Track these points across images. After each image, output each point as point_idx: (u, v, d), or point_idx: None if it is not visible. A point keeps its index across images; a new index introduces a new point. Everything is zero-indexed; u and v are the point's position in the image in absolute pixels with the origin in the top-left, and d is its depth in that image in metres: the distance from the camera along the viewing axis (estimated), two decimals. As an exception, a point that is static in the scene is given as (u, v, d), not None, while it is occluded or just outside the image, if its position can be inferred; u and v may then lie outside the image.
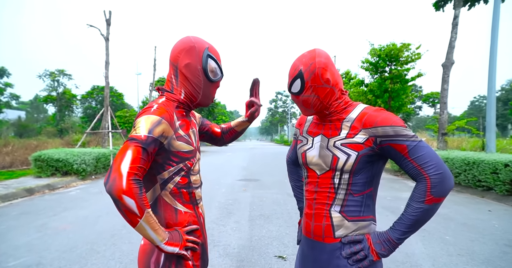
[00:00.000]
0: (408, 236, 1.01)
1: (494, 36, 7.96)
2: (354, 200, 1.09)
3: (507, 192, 6.01)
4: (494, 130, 7.92)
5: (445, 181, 0.95)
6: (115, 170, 0.90)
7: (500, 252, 3.23)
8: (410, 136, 1.00)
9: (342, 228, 1.09)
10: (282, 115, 63.21)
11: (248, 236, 3.77)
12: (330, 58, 1.15)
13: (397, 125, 1.01)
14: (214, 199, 6.09)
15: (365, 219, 1.10)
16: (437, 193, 0.95)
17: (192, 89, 1.15)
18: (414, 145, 0.98)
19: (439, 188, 0.95)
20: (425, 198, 0.96)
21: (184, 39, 1.15)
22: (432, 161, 0.97)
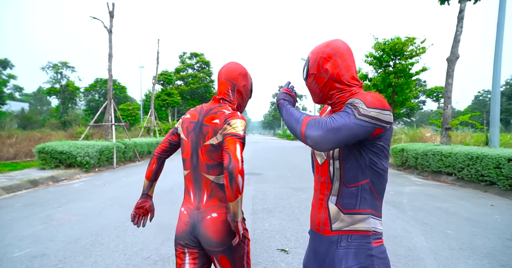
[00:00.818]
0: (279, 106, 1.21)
1: (500, 30, 7.83)
2: (349, 192, 1.08)
3: (510, 187, 5.99)
4: (498, 125, 7.85)
5: (318, 127, 0.96)
6: (234, 156, 1.19)
7: (503, 246, 3.23)
8: (356, 105, 0.98)
9: (338, 221, 1.10)
10: (285, 109, 63.03)
11: (251, 229, 3.80)
12: (341, 50, 1.14)
13: (359, 97, 1.00)
14: (217, 192, 6.11)
15: (361, 213, 1.07)
16: (310, 126, 0.98)
17: (242, 102, 1.52)
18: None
19: (313, 126, 0.98)
20: (309, 117, 1.02)
21: (238, 65, 1.49)
22: (334, 122, 0.97)
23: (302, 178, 7.96)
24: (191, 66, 35.91)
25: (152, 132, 17.83)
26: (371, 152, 1.06)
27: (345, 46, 1.16)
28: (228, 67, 1.47)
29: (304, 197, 5.70)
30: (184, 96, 33.29)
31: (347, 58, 1.14)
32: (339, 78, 1.12)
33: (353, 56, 1.17)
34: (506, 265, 2.77)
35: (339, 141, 0.95)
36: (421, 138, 13.94)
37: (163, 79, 29.63)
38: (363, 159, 1.06)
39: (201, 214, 1.32)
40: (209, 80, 35.38)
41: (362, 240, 1.07)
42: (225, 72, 1.46)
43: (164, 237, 3.54)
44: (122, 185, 6.99)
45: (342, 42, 1.18)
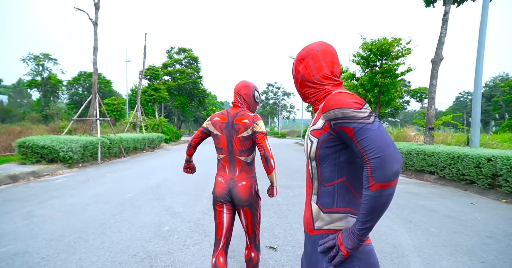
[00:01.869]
0: (368, 225, 0.94)
1: (482, 34, 8.06)
2: (326, 191, 1.10)
3: (489, 186, 6.22)
4: (478, 126, 8.13)
5: (385, 165, 0.89)
6: (266, 148, 1.92)
7: (482, 244, 3.35)
8: (358, 117, 0.97)
9: (319, 220, 1.12)
10: (273, 107, 63.12)
11: (239, 227, 3.78)
12: (315, 51, 1.19)
13: (346, 107, 1.00)
14: (205, 189, 6.08)
15: (338, 211, 1.08)
16: (378, 178, 0.89)
17: (249, 106, 2.09)
18: (360, 127, 0.96)
19: (379, 173, 0.89)
20: (369, 184, 0.92)
21: (243, 81, 2.11)
22: (374, 143, 0.92)
23: (290, 176, 8.02)
24: (178, 62, 35.37)
25: (138, 128, 17.52)
26: (348, 150, 1.06)
27: (321, 47, 1.20)
28: (237, 84, 2.13)
29: (292, 194, 5.74)
30: (171, 92, 32.79)
31: (321, 59, 1.18)
32: (310, 79, 1.19)
33: (330, 57, 1.20)
34: (486, 262, 2.88)
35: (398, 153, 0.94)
36: (405, 137, 14.27)
37: (150, 74, 29.09)
38: (339, 158, 1.07)
39: (235, 182, 2.01)
40: (197, 76, 34.96)
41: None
42: (235, 88, 2.10)
43: (151, 234, 3.50)
44: (107, 181, 6.85)
45: (321, 43, 1.22)
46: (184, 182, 6.87)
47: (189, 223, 3.95)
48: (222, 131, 2.01)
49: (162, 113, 32.76)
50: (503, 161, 5.68)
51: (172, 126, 26.51)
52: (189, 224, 3.89)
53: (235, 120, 1.98)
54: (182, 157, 12.69)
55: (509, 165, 5.54)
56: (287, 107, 62.93)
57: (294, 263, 2.81)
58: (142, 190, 5.88)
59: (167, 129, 22.69)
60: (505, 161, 5.65)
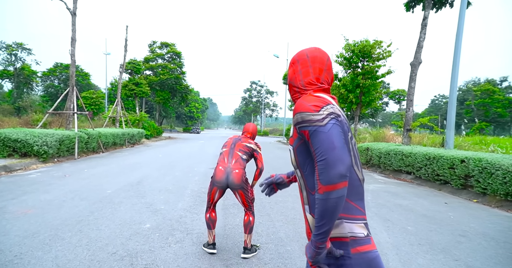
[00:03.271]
0: (323, 231, 0.93)
1: (458, 39, 8.40)
2: (314, 199, 1.07)
3: (461, 186, 6.51)
4: (453, 128, 8.48)
5: (328, 167, 0.91)
6: (263, 165, 3.01)
7: (455, 242, 3.51)
8: (313, 121, 1.00)
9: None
10: (256, 105, 63.16)
11: (222, 225, 3.78)
12: (305, 57, 1.22)
13: (304, 111, 1.03)
14: (187, 187, 6.00)
15: None
16: (324, 180, 0.91)
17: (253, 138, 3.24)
18: (313, 130, 0.99)
19: (324, 175, 0.91)
20: (317, 187, 0.93)
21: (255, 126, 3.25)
22: (321, 146, 0.94)
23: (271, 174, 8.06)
24: (161, 56, 34.67)
25: (118, 123, 17.04)
26: None
27: (312, 54, 1.22)
28: (255, 127, 3.23)
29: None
30: (153, 87, 32.10)
31: (310, 65, 1.20)
32: (295, 83, 1.22)
33: (319, 64, 1.21)
34: (459, 259, 3.02)
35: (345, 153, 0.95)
36: (384, 138, 14.68)
37: (131, 68, 28.34)
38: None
39: (231, 169, 2.78)
40: (180, 72, 34.41)
41: (340, 247, 1.03)
42: (253, 130, 3.18)
43: (131, 232, 3.42)
44: (84, 177, 6.62)
45: (313, 49, 1.24)
46: (165, 178, 6.75)
47: (171, 220, 3.89)
48: (231, 139, 3.10)
49: (143, 108, 32.03)
50: (475, 163, 5.96)
51: (153, 122, 25.99)
52: (171, 222, 3.83)
53: (243, 138, 3.07)
54: (163, 153, 12.48)
55: (481, 166, 5.82)
56: (270, 106, 63.15)
57: (277, 261, 2.82)
58: (121, 187, 5.72)
59: (148, 125, 22.21)
60: (477, 163, 5.93)
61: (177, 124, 64.49)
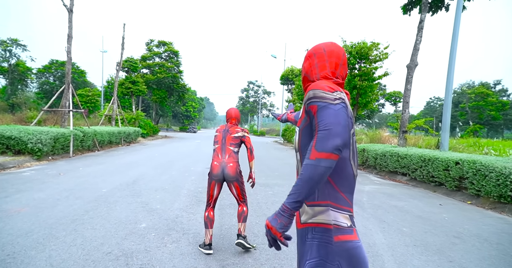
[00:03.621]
0: (300, 199, 0.96)
1: (454, 42, 8.45)
2: None
3: (456, 188, 6.57)
4: (448, 130, 8.55)
5: (328, 137, 0.94)
6: (251, 145, 3.18)
7: (450, 243, 3.53)
8: (325, 98, 1.02)
9: (304, 213, 1.14)
10: (253, 105, 63.15)
11: (218, 225, 3.77)
12: (322, 51, 1.24)
13: (318, 88, 1.05)
14: (183, 186, 5.98)
15: (320, 204, 1.10)
16: (320, 147, 0.94)
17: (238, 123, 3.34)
18: (323, 106, 1.01)
19: (321, 143, 0.94)
20: (310, 153, 0.96)
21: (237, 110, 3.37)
22: (327, 119, 0.98)
23: (268, 175, 8.06)
24: (158, 55, 34.50)
25: (114, 121, 16.93)
26: None
27: (328, 48, 1.24)
28: (234, 111, 3.29)
29: (271, 193, 5.78)
30: (150, 85, 31.93)
31: (327, 59, 1.21)
32: (311, 76, 1.23)
33: (336, 58, 1.22)
34: (453, 261, 3.04)
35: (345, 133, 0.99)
36: (380, 139, 14.75)
37: (128, 66, 28.18)
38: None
39: (226, 164, 3.00)
40: (177, 71, 34.26)
41: (324, 233, 1.07)
42: (233, 113, 3.26)
43: (126, 232, 3.39)
44: (79, 175, 6.56)
45: (330, 44, 1.25)
46: (161, 178, 6.72)
47: (167, 220, 3.87)
48: (220, 132, 3.20)
49: (139, 107, 31.85)
50: (470, 165, 6.01)
51: (150, 121, 25.87)
52: (167, 221, 3.81)
53: (230, 128, 3.18)
54: (159, 152, 12.42)
55: (475, 168, 5.87)
56: (267, 106, 63.16)
57: (273, 262, 2.82)
58: (117, 186, 5.69)
59: (144, 124, 22.11)
60: (471, 165, 5.98)
61: (174, 123, 64.26)
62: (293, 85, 29.24)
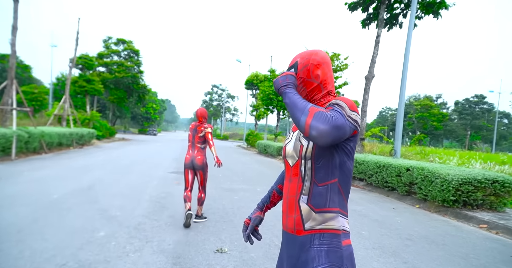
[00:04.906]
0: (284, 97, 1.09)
1: (406, 57, 9.20)
2: (319, 191, 1.12)
3: (406, 192, 7.09)
4: (400, 139, 9.24)
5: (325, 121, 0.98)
6: (212, 141, 4.15)
7: (403, 245, 3.80)
8: (343, 107, 1.07)
9: (310, 220, 1.13)
10: (217, 109, 62.65)
11: (184, 232, 3.66)
12: (327, 60, 1.24)
13: (344, 102, 1.09)
14: (145, 191, 5.73)
15: (331, 211, 1.12)
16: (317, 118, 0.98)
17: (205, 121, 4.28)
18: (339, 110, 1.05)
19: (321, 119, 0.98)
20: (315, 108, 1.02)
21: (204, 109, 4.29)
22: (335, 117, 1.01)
23: (233, 179, 8.03)
24: (117, 53, 32.88)
25: (65, 121, 15.73)
26: (342, 152, 1.13)
27: (328, 58, 1.26)
28: (202, 110, 4.16)
29: (237, 198, 5.75)
30: (107, 85, 30.21)
31: (330, 69, 1.25)
32: (325, 86, 1.21)
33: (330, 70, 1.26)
34: (408, 262, 3.27)
35: (338, 138, 1.00)
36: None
37: (83, 63, 26.38)
38: (334, 159, 1.12)
39: (195, 156, 4.04)
40: (138, 71, 32.90)
41: (333, 239, 1.10)
42: (202, 112, 4.16)
43: (83, 241, 3.16)
44: (24, 180, 5.98)
45: (326, 54, 1.27)
46: (120, 183, 6.37)
47: (128, 228, 3.67)
48: (191, 131, 4.18)
49: (94, 107, 29.95)
50: (419, 171, 6.54)
51: (106, 122, 24.43)
52: (128, 229, 3.62)
53: (198, 128, 4.14)
54: (117, 156, 11.77)
55: (423, 174, 6.40)
56: (231, 110, 63.07)
57: (241, 268, 2.81)
58: (70, 191, 5.27)
59: (99, 125, 20.82)
60: (420, 171, 6.50)
61: (132, 125, 61.38)
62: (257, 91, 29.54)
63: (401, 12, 12.27)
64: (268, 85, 22.40)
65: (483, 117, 50.37)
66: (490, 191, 5.57)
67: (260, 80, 28.49)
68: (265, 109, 23.56)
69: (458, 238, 4.27)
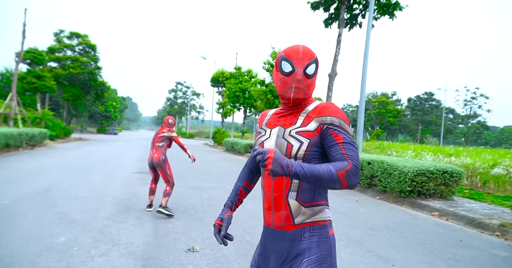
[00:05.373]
0: (300, 178, 1.02)
1: (366, 55, 9.67)
2: (308, 187, 1.16)
3: (367, 185, 7.50)
4: (362, 134, 9.73)
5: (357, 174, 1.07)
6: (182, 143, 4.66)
7: (367, 235, 4.03)
8: (349, 132, 1.15)
9: (300, 215, 1.17)
10: (182, 106, 61.13)
11: (153, 232, 3.56)
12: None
13: (343, 119, 1.15)
14: (108, 193, 5.46)
15: (319, 204, 1.18)
16: (350, 178, 1.05)
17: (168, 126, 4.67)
18: (348, 141, 1.12)
19: (353, 176, 1.05)
20: (341, 171, 1.04)
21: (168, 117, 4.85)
22: (356, 157, 1.11)
23: (201, 178, 7.94)
24: (70, 48, 30.74)
25: (12, 121, 14.43)
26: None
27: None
28: (166, 118, 4.67)
29: (206, 196, 5.70)
30: (60, 81, 28.15)
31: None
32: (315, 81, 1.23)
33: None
34: (371, 250, 3.47)
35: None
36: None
37: (31, 58, 24.30)
38: (323, 159, 1.18)
39: (152, 155, 4.44)
40: (95, 67, 31.07)
41: (322, 229, 1.17)
42: (165, 119, 4.68)
43: (42, 247, 2.95)
44: (-31, 185, 5.41)
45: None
46: (80, 185, 6.01)
47: (92, 231, 3.49)
48: (154, 135, 4.63)
49: (46, 105, 27.78)
50: (379, 164, 6.94)
51: (60, 121, 22.81)
52: (92, 233, 3.43)
53: (159, 131, 4.59)
54: (74, 157, 11.05)
55: (383, 167, 6.81)
56: (196, 108, 61.94)
57: (214, 266, 2.80)
58: (23, 195, 4.87)
59: (53, 124, 19.38)
60: (380, 164, 6.91)
61: (90, 124, 57.91)
62: (223, 88, 29.31)
63: (360, 12, 12.85)
64: (234, 83, 22.31)
65: (432, 113, 54.66)
66: (441, 180, 6.08)
67: (226, 78, 28.31)
68: (232, 107, 23.47)
69: (414, 225, 4.61)
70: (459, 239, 4.06)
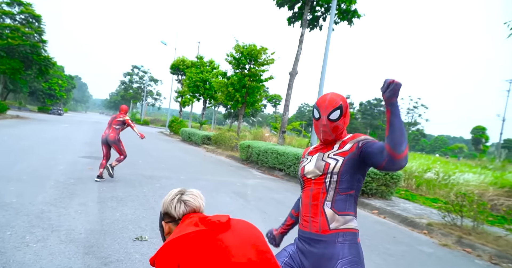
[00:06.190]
0: (395, 109, 1.22)
1: (325, 56, 10.03)
2: (341, 198, 1.40)
3: (318, 182, 7.88)
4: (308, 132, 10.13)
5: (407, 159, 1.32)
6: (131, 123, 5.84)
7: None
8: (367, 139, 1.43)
9: (334, 221, 1.39)
10: (137, 91, 57.99)
11: (98, 220, 3.37)
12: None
13: (365, 136, 1.46)
14: (49, 177, 5.03)
15: (349, 214, 1.41)
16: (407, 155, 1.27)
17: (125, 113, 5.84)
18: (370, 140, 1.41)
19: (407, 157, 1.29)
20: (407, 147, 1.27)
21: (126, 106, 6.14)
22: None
23: (155, 166, 7.68)
24: (10, 15, 27.38)
25: None
26: (363, 171, 1.43)
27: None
28: (124, 106, 5.91)
29: (158, 185, 5.53)
30: (-4, 51, 24.96)
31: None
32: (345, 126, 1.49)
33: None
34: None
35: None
36: (262, 137, 16.13)
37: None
38: (355, 175, 1.41)
39: (108, 133, 5.50)
40: (39, 40, 28.05)
41: (353, 236, 1.39)
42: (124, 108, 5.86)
43: (-35, 234, 2.63)
44: None
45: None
46: (15, 167, 5.46)
47: (28, 216, 3.20)
48: (110, 119, 5.64)
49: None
50: (330, 163, 7.33)
51: (-6, 95, 20.29)
52: (28, 217, 3.15)
53: (117, 115, 5.69)
54: (9, 135, 9.95)
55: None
56: (153, 94, 59.27)
57: (163, 254, 2.74)
58: None
59: (-15, 98, 17.20)
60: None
61: (30, 102, 52.49)
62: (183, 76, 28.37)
63: (322, 15, 13.25)
64: (195, 72, 21.70)
65: (379, 118, 58.83)
66: (382, 181, 6.60)
67: (186, 66, 27.41)
68: (191, 96, 22.85)
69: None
70: (393, 235, 4.46)
